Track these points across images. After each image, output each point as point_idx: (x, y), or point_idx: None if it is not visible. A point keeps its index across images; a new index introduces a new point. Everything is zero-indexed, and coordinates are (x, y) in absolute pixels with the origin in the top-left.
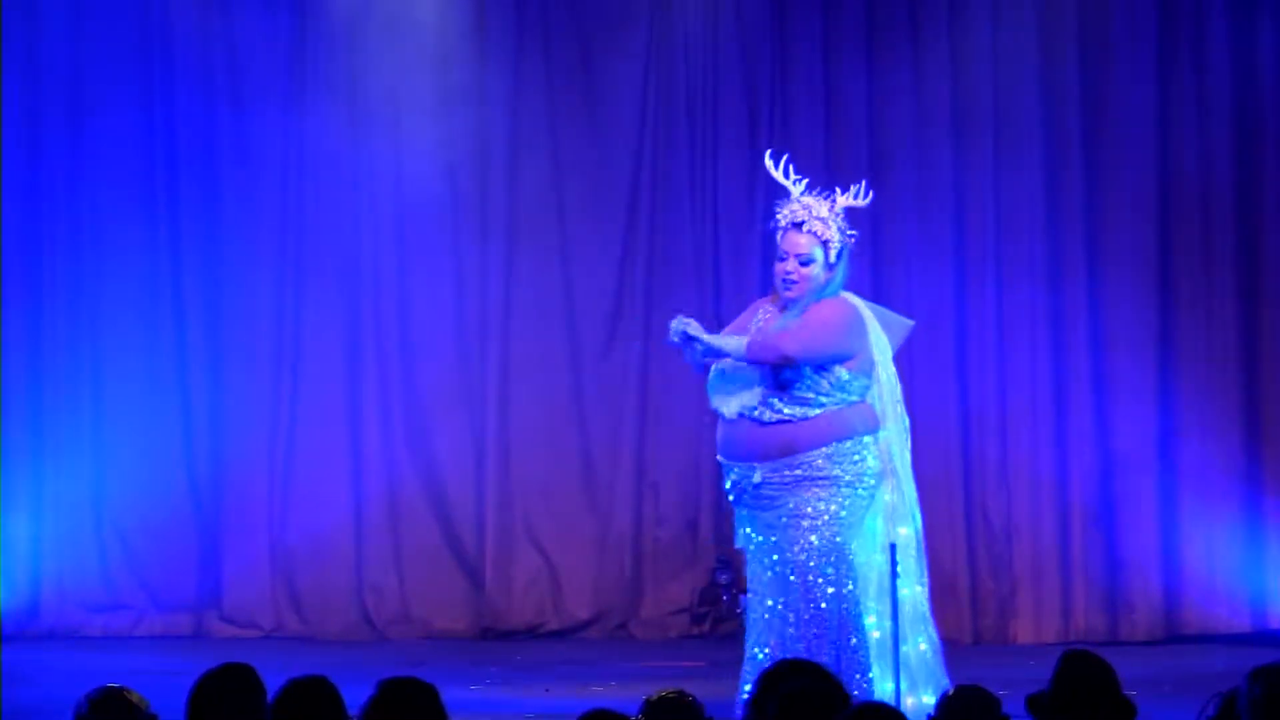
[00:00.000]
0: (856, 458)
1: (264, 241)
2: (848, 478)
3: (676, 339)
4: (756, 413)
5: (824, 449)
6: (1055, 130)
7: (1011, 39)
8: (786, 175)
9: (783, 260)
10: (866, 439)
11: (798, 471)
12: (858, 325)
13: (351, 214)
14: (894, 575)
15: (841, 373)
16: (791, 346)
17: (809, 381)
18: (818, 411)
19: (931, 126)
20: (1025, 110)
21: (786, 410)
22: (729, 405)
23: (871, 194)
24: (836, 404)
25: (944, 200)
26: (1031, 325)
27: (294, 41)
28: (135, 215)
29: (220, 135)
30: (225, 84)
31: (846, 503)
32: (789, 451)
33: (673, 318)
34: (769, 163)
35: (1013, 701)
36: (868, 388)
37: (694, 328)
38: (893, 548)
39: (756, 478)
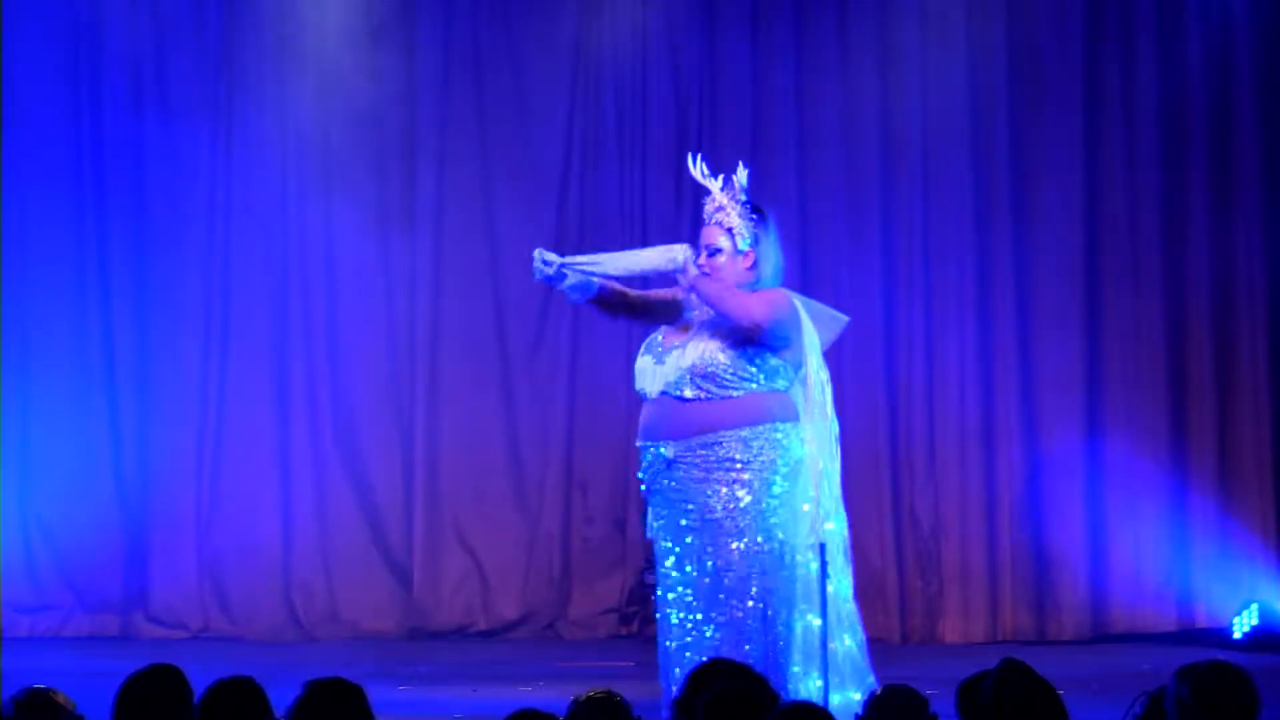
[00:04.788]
0: (773, 444)
1: (192, 245)
2: (763, 465)
3: (550, 272)
4: (677, 390)
5: (740, 431)
6: (982, 140)
7: (939, 53)
8: (705, 175)
9: (698, 255)
10: (786, 426)
11: (714, 452)
12: (795, 315)
13: (279, 216)
14: (824, 575)
15: (772, 358)
16: (761, 312)
17: (737, 365)
18: (739, 393)
19: (860, 140)
20: (953, 127)
21: (707, 388)
22: (652, 383)
23: (748, 170)
24: (760, 388)
25: (870, 204)
26: (960, 325)
27: (222, 51)
28: (63, 221)
29: (148, 144)
30: (154, 94)
31: (763, 493)
32: (704, 430)
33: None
34: (690, 164)
35: (941, 701)
36: (793, 380)
37: (552, 257)
38: (822, 547)
39: (669, 452)
